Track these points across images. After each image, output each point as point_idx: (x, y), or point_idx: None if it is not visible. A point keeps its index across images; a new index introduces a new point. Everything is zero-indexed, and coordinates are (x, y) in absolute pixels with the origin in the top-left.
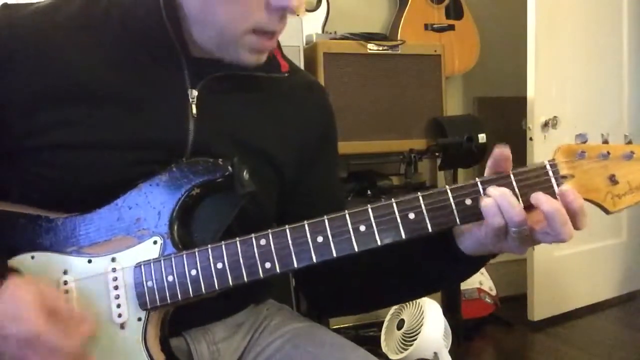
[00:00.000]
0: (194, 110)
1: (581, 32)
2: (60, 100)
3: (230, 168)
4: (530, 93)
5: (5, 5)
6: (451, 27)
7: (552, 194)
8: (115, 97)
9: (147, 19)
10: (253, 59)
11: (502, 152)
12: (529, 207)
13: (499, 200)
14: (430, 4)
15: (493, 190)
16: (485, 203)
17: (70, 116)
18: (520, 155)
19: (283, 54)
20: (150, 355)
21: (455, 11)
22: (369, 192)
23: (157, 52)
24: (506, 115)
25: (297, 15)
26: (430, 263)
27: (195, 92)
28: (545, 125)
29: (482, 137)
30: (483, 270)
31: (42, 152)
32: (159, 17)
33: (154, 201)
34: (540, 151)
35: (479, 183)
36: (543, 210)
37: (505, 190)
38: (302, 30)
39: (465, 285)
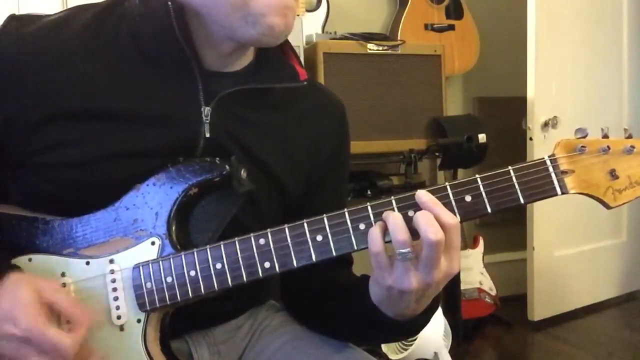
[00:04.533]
0: (207, 129)
1: (581, 32)
2: (69, 119)
3: (227, 167)
4: (530, 93)
5: (13, 17)
6: (451, 27)
7: (553, 190)
8: (127, 115)
9: (159, 34)
10: (281, 22)
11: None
12: (533, 200)
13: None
14: (430, 4)
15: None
16: (371, 229)
17: (79, 134)
18: (520, 155)
19: (300, 62)
20: (150, 357)
21: (455, 11)
22: (368, 192)
23: (171, 68)
24: (506, 115)
25: None
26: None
27: (208, 109)
28: (545, 125)
29: (482, 137)
30: (483, 270)
31: (50, 168)
32: (171, 32)
33: (151, 202)
34: (540, 151)
35: (478, 179)
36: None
37: (393, 214)
38: (302, 30)
39: (465, 285)
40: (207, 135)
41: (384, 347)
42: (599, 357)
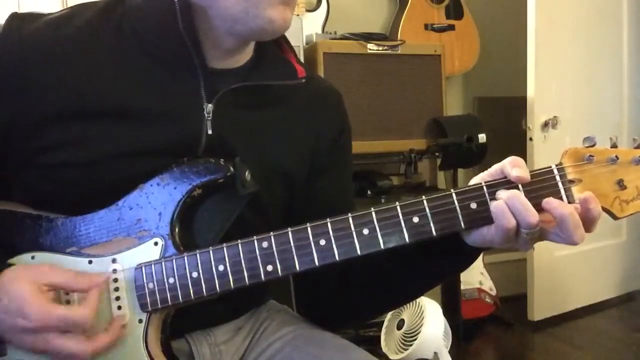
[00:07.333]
0: (209, 126)
1: (581, 32)
2: (71, 117)
3: (231, 168)
4: (530, 93)
5: (14, 15)
6: (451, 27)
7: (560, 199)
8: (129, 114)
9: (162, 31)
10: (281, 15)
11: (521, 178)
12: (538, 209)
13: (510, 203)
14: (430, 4)
15: (504, 192)
16: (497, 205)
17: (81, 133)
18: (520, 155)
19: (298, 59)
20: (151, 357)
21: (455, 11)
22: (368, 192)
23: (173, 65)
24: (506, 115)
25: None
26: (434, 257)
27: (210, 107)
28: (545, 125)
29: (482, 137)
30: (483, 270)
31: (52, 168)
32: (175, 28)
33: (154, 202)
34: (540, 151)
35: (484, 187)
36: (555, 215)
37: (517, 192)
38: (302, 30)
39: (465, 285)
40: (209, 132)
41: (384, 347)
42: (599, 357)
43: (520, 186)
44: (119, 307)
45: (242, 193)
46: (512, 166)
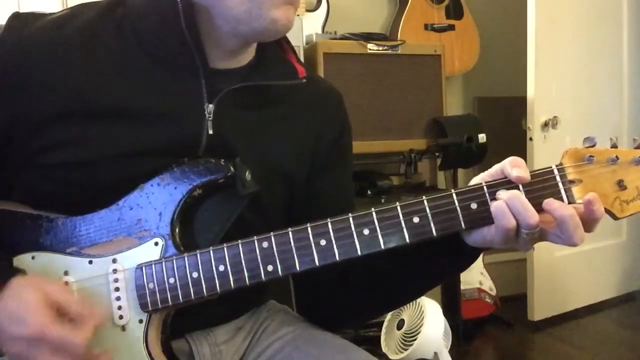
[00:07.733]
0: (210, 126)
1: (581, 32)
2: (72, 118)
3: (232, 168)
4: (530, 93)
5: (16, 15)
6: (451, 27)
7: (560, 199)
8: (130, 114)
9: (164, 31)
10: (284, 15)
11: (521, 178)
12: (539, 209)
13: (511, 203)
14: (430, 4)
15: (505, 193)
16: (497, 205)
17: (82, 133)
18: (520, 155)
19: (298, 59)
20: (151, 357)
21: (455, 11)
22: (368, 192)
23: (173, 65)
24: (506, 115)
25: None
26: (434, 257)
27: (211, 107)
28: (545, 125)
29: (482, 137)
30: (483, 270)
31: (53, 168)
32: (178, 28)
33: (155, 202)
34: (540, 151)
35: (485, 187)
36: (555, 216)
37: (517, 193)
38: (302, 30)
39: (465, 285)
40: (210, 132)
41: (384, 347)
42: (599, 357)
43: (520, 186)
44: (119, 307)
45: (242, 193)
46: (512, 166)
